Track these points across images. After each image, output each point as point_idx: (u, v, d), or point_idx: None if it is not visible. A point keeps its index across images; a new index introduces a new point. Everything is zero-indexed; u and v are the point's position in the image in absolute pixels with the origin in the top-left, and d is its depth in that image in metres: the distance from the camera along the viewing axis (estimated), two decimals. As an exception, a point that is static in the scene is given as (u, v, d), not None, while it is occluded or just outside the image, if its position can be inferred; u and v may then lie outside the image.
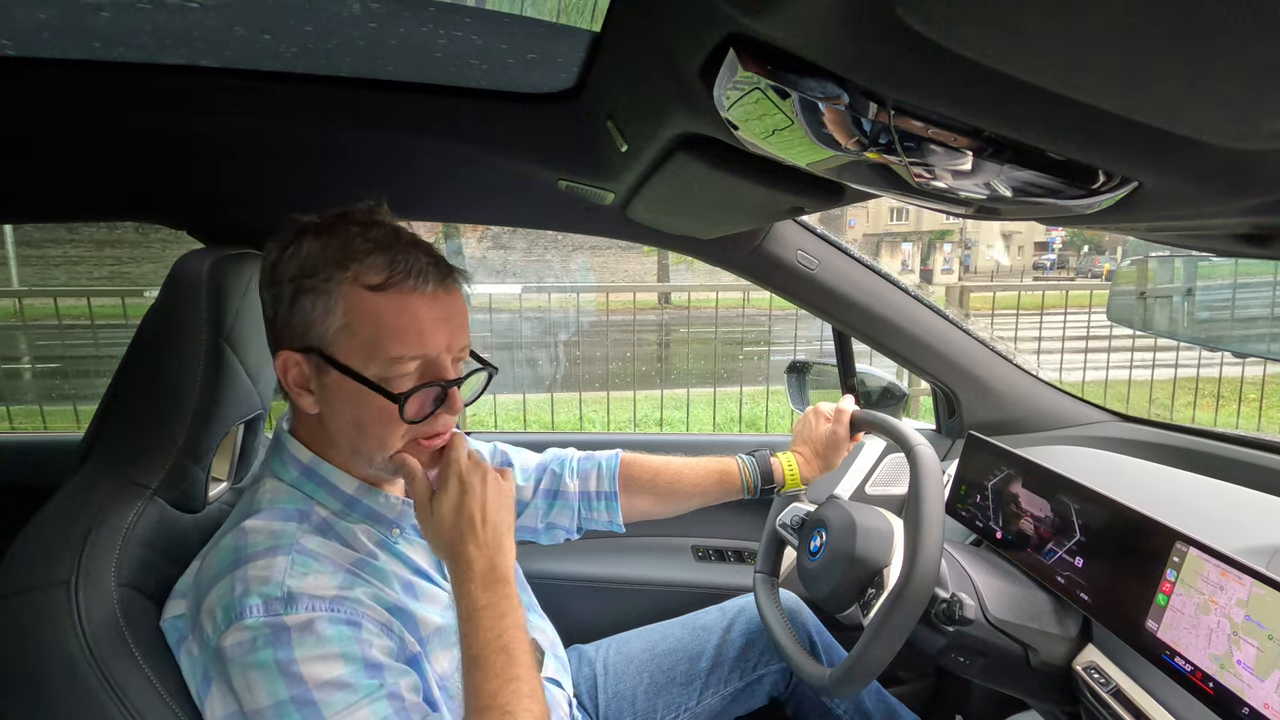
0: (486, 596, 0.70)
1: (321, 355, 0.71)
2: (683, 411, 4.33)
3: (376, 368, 0.70)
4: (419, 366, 0.72)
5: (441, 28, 0.79)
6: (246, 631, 0.63)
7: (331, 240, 0.71)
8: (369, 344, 0.70)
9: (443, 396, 0.74)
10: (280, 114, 0.94)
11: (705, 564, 1.52)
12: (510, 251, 10.40)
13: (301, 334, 0.72)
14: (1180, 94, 0.32)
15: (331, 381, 0.72)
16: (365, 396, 0.71)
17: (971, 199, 0.52)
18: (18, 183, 1.04)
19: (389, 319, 0.70)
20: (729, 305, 4.69)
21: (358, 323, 0.70)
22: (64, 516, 0.72)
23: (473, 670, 0.68)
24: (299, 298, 0.71)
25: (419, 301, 0.71)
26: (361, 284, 0.69)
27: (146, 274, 7.98)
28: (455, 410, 0.75)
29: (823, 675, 0.90)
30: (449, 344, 0.73)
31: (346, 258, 0.70)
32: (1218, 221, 0.53)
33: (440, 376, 0.73)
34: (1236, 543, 0.79)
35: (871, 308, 1.32)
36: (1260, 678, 0.67)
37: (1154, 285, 1.35)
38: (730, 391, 4.36)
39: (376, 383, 0.70)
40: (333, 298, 0.70)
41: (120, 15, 0.78)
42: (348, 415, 0.73)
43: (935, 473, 0.88)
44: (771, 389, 4.31)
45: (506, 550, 0.74)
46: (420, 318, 0.71)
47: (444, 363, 0.73)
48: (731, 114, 0.50)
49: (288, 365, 0.73)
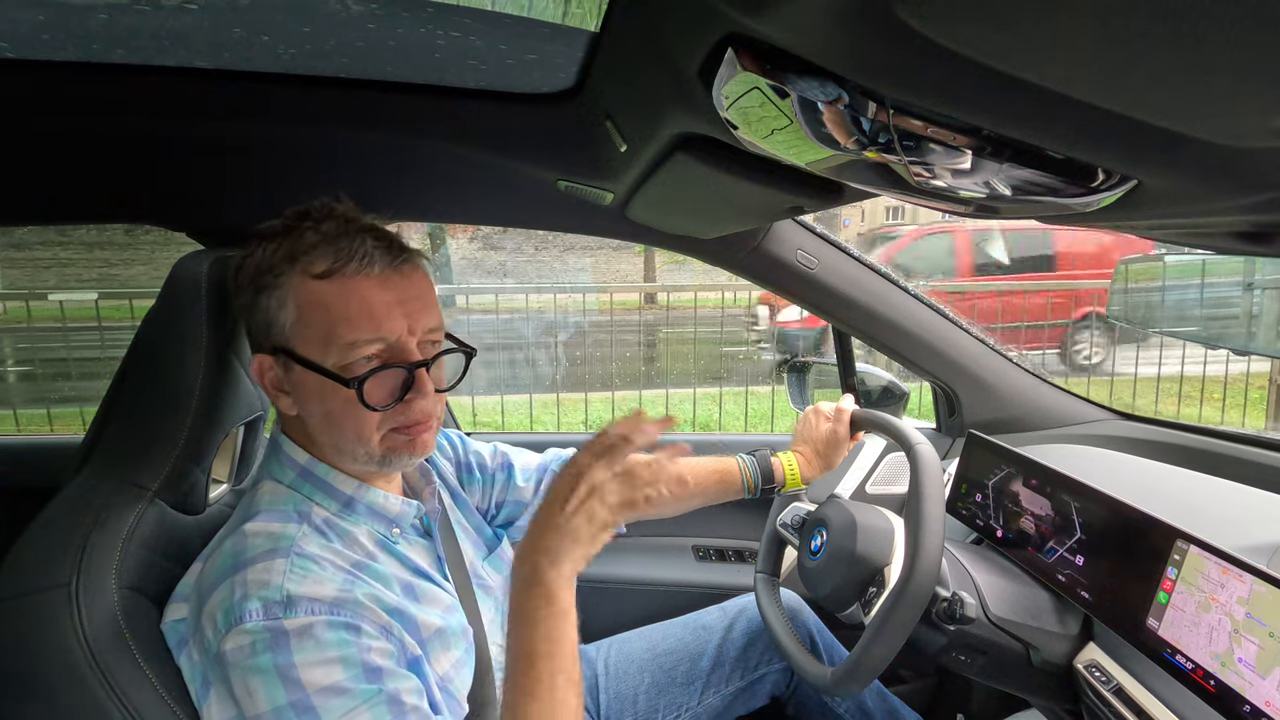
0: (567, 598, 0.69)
1: (286, 353, 0.71)
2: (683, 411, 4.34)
3: (335, 356, 0.69)
4: (381, 352, 0.70)
5: (440, 28, 0.79)
6: (246, 636, 0.62)
7: (284, 239, 0.71)
8: (323, 333, 0.69)
9: (410, 381, 0.72)
10: (279, 115, 0.94)
11: (706, 564, 1.52)
12: (499, 252, 10.40)
13: (267, 335, 0.72)
14: (1179, 92, 0.32)
15: (298, 378, 0.71)
16: (328, 388, 0.70)
17: (971, 197, 0.52)
18: (18, 184, 1.04)
19: (338, 305, 0.69)
20: (714, 305, 4.71)
21: (308, 313, 0.69)
22: (64, 519, 0.72)
23: (509, 679, 0.67)
24: (257, 299, 0.71)
25: (366, 285, 0.69)
26: (308, 274, 0.69)
27: (136, 276, 7.98)
28: (426, 394, 0.72)
29: (824, 675, 0.90)
30: (410, 326, 0.71)
31: (295, 252, 0.70)
32: (1217, 219, 0.53)
33: (405, 360, 0.71)
34: (1237, 540, 0.79)
35: (871, 307, 1.32)
36: (1261, 675, 0.67)
37: (1151, 284, 1.35)
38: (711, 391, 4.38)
39: (334, 371, 0.69)
40: (284, 292, 0.70)
41: (119, 17, 0.78)
42: (319, 411, 0.72)
43: (936, 472, 0.88)
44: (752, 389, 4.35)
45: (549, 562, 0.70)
46: (370, 300, 0.69)
47: (407, 346, 0.71)
48: (731, 113, 0.50)
49: (263, 369, 0.73)
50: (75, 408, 4.04)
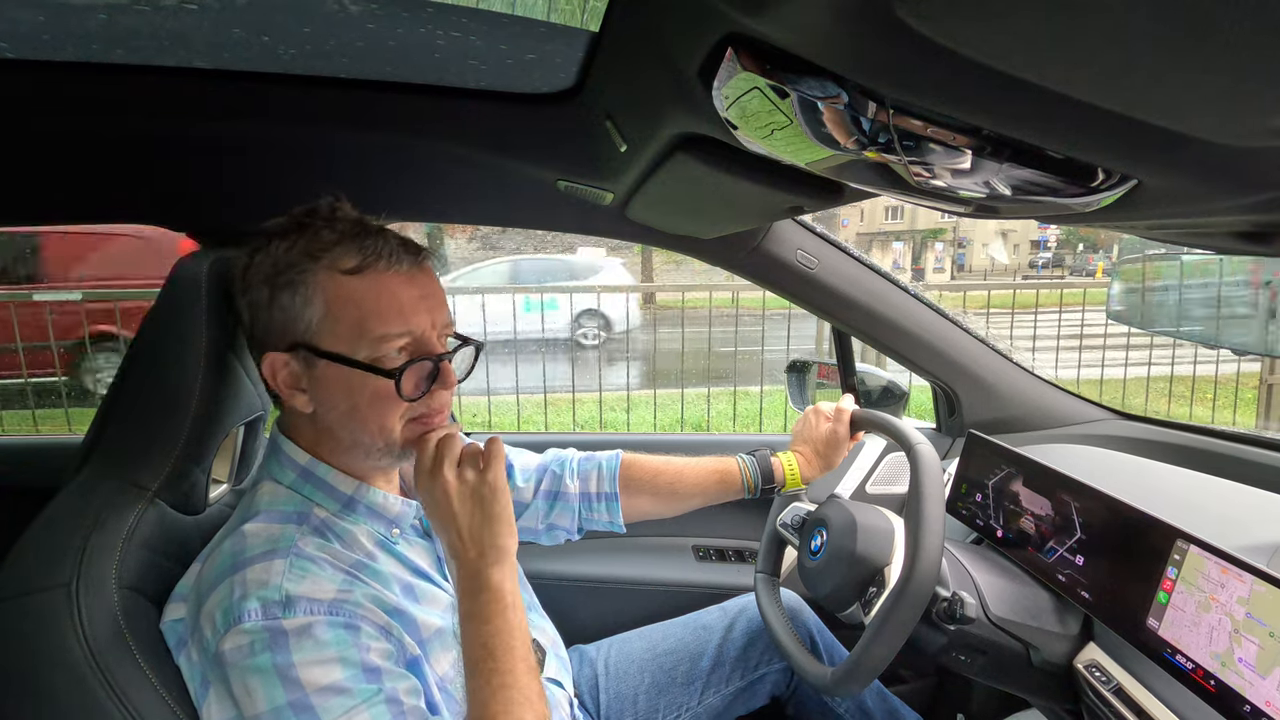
0: (471, 604, 0.72)
1: (308, 348, 0.71)
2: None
3: (366, 350, 0.71)
4: (407, 344, 0.73)
5: (440, 28, 0.79)
6: (244, 636, 0.63)
7: (299, 237, 0.72)
8: (354, 327, 0.70)
9: (435, 372, 0.75)
10: (279, 115, 0.94)
11: (706, 564, 1.52)
12: (499, 252, 10.43)
13: (285, 332, 0.72)
14: (1179, 92, 0.32)
15: (322, 373, 0.72)
16: (359, 381, 0.71)
17: (971, 197, 0.52)
18: (19, 185, 1.04)
19: (369, 300, 0.70)
20: (717, 305, 4.71)
21: (339, 308, 0.70)
22: (64, 519, 0.72)
23: (467, 677, 0.70)
24: (277, 295, 0.71)
25: (396, 280, 0.72)
26: (337, 269, 0.70)
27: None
28: (449, 385, 0.76)
29: (824, 674, 0.90)
30: (432, 321, 0.74)
31: (317, 249, 0.71)
32: (1217, 219, 0.53)
33: (431, 352, 0.74)
34: (1237, 540, 0.79)
35: (871, 307, 1.32)
36: (1261, 675, 0.67)
37: (1150, 282, 1.35)
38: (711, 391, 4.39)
39: (369, 364, 0.71)
40: (310, 288, 0.70)
41: (118, 18, 0.78)
42: (343, 405, 0.73)
43: (936, 471, 0.88)
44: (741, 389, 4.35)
45: (491, 559, 0.73)
46: (399, 296, 0.72)
47: (430, 339, 0.74)
48: (730, 113, 0.50)
49: (276, 367, 0.73)
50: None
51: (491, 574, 0.72)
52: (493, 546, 0.73)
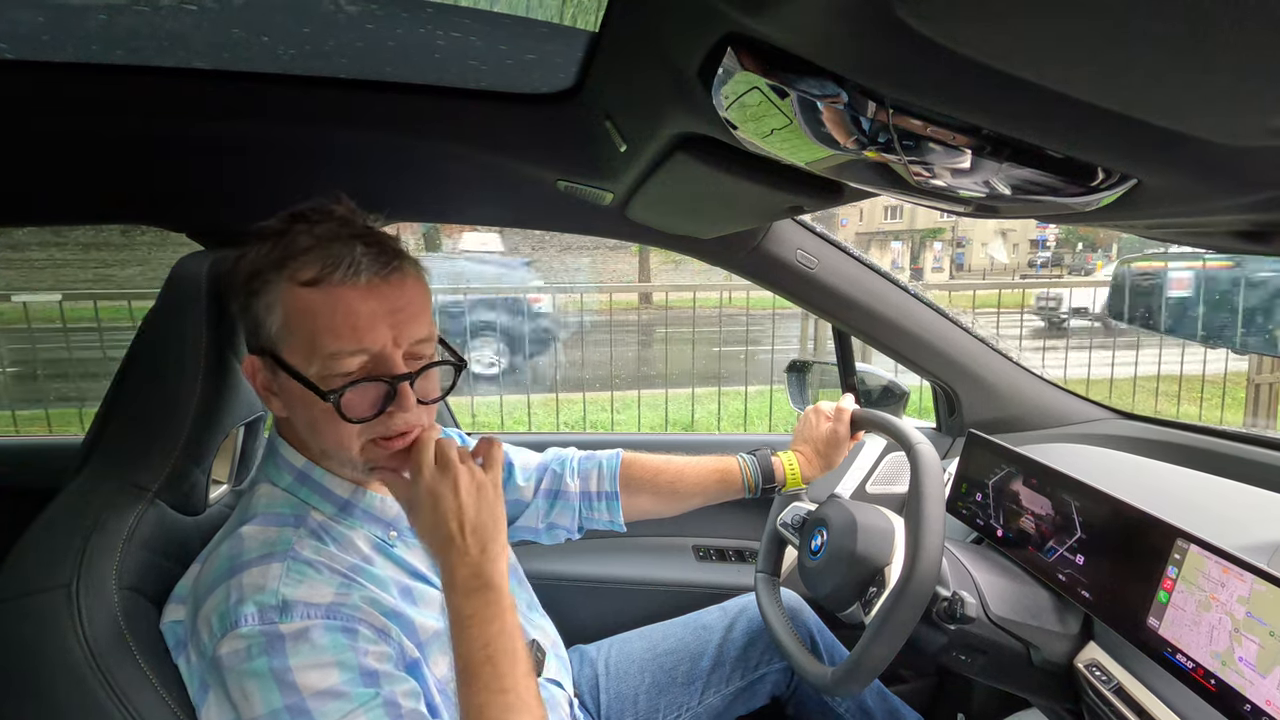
0: (470, 605, 0.68)
1: (273, 357, 0.70)
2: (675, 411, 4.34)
3: (317, 366, 0.68)
4: (365, 364, 0.69)
5: (439, 28, 0.79)
6: (242, 640, 0.62)
7: (277, 242, 0.70)
8: (307, 342, 0.68)
9: (392, 394, 0.70)
10: (278, 116, 0.94)
11: (706, 563, 1.52)
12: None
13: (256, 337, 0.72)
14: (1179, 91, 0.32)
15: (283, 383, 0.71)
16: (309, 397, 0.69)
17: (971, 197, 0.52)
18: (18, 186, 1.04)
19: (323, 315, 0.67)
20: (713, 306, 4.72)
21: (294, 321, 0.68)
22: (64, 520, 0.72)
23: (461, 682, 0.67)
24: (249, 301, 0.71)
25: (351, 294, 0.68)
26: (296, 281, 0.68)
27: (132, 277, 7.94)
28: (407, 408, 0.71)
29: (824, 674, 0.90)
30: (395, 338, 0.69)
31: (285, 257, 0.69)
32: (1217, 218, 0.53)
33: (387, 373, 0.69)
34: (1237, 539, 0.79)
35: (871, 306, 1.32)
36: (1262, 674, 0.67)
37: (1149, 282, 1.35)
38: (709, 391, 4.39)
39: (313, 381, 0.68)
40: (273, 297, 0.69)
41: (118, 18, 0.78)
42: (303, 417, 0.72)
43: (936, 471, 0.88)
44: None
45: (492, 555, 0.71)
46: (355, 311, 0.68)
47: (391, 358, 0.69)
48: (730, 113, 0.50)
49: (254, 369, 0.73)
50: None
51: (494, 572, 0.71)
52: (494, 542, 0.72)
